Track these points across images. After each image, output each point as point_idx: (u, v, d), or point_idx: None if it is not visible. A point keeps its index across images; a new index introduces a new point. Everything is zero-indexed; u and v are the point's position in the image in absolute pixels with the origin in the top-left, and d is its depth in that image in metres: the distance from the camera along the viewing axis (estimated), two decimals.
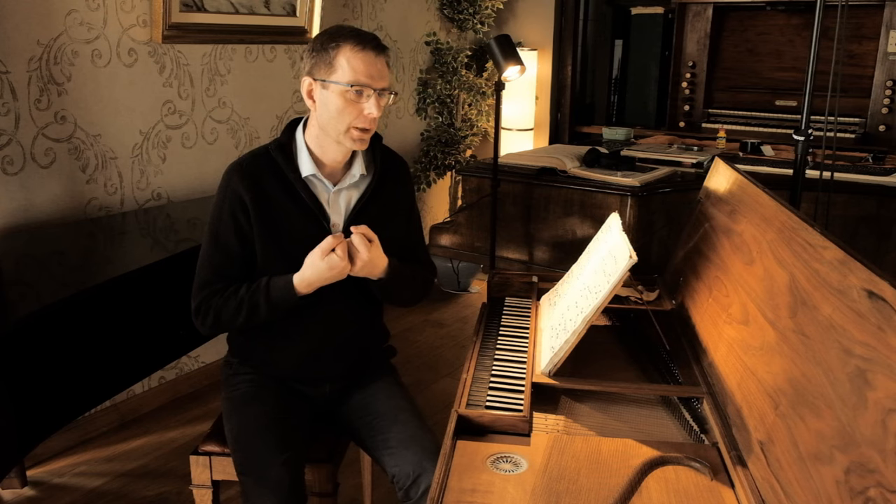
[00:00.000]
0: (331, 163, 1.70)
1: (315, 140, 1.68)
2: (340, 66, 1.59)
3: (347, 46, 1.59)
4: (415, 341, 3.70)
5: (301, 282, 1.61)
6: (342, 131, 1.62)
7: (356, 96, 1.59)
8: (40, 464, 2.59)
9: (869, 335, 0.95)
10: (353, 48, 1.59)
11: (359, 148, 1.67)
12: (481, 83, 4.33)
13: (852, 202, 2.66)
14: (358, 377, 1.83)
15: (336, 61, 1.59)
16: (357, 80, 1.58)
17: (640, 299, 1.90)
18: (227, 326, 1.71)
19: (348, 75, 1.58)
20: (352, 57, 1.58)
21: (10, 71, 2.38)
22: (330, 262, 1.57)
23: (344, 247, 1.58)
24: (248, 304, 1.65)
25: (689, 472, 1.22)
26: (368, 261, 1.61)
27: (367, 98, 1.60)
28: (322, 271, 1.58)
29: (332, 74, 1.59)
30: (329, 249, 1.57)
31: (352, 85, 1.58)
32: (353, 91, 1.58)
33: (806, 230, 1.24)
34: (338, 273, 1.59)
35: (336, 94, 1.59)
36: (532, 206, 2.84)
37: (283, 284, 1.62)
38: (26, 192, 2.47)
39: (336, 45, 1.60)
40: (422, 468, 1.58)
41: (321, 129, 1.66)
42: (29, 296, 2.23)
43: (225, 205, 1.67)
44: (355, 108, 1.60)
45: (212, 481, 1.79)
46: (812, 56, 2.16)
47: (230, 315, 1.66)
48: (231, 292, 1.66)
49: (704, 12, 4.23)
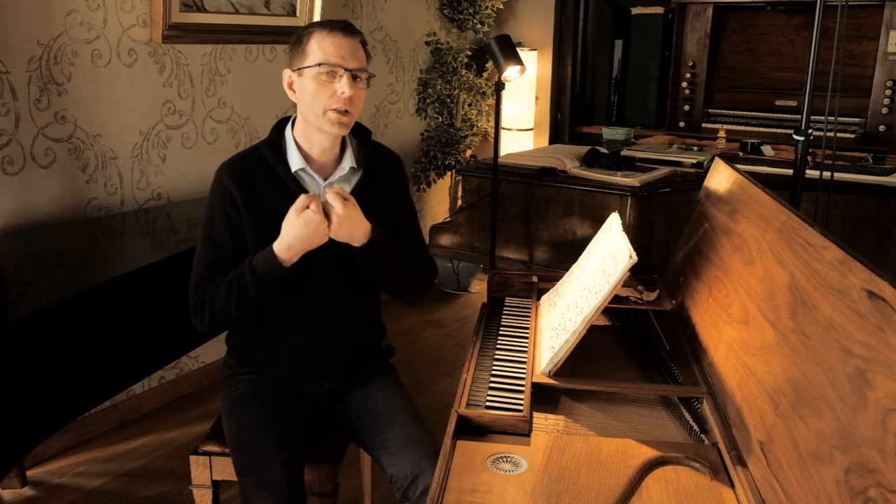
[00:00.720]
0: (319, 156, 1.71)
1: (302, 134, 1.70)
2: (312, 51, 1.62)
3: (317, 32, 1.63)
4: (415, 341, 3.70)
5: (281, 247, 1.59)
6: (319, 114, 1.63)
7: (328, 77, 1.61)
8: (40, 464, 2.59)
9: (869, 335, 0.95)
10: (321, 31, 1.63)
11: (338, 132, 1.67)
12: (481, 83, 4.33)
13: (852, 202, 2.66)
14: (356, 375, 1.83)
15: (307, 47, 1.63)
16: (326, 59, 1.60)
17: (640, 299, 1.90)
18: (222, 318, 1.69)
19: (318, 56, 1.61)
20: (321, 39, 1.62)
21: (10, 71, 2.38)
22: (305, 218, 1.56)
23: (318, 203, 1.57)
24: (237, 286, 1.64)
25: (689, 472, 1.22)
26: (346, 217, 1.59)
27: (339, 78, 1.61)
28: (298, 229, 1.57)
29: (305, 60, 1.63)
30: (303, 207, 1.56)
31: (320, 64, 1.60)
32: (325, 73, 1.60)
33: (806, 230, 1.24)
34: (314, 230, 1.57)
35: (309, 78, 1.62)
36: (532, 206, 2.84)
37: (265, 255, 1.61)
38: (26, 192, 2.47)
39: (307, 32, 1.65)
40: (420, 469, 1.58)
41: (304, 120, 1.68)
42: (29, 296, 2.23)
43: (216, 203, 1.69)
44: (328, 89, 1.61)
45: (212, 481, 1.79)
46: (812, 56, 2.16)
47: (223, 303, 1.65)
48: (220, 280, 1.67)
49: (704, 12, 4.23)
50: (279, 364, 1.78)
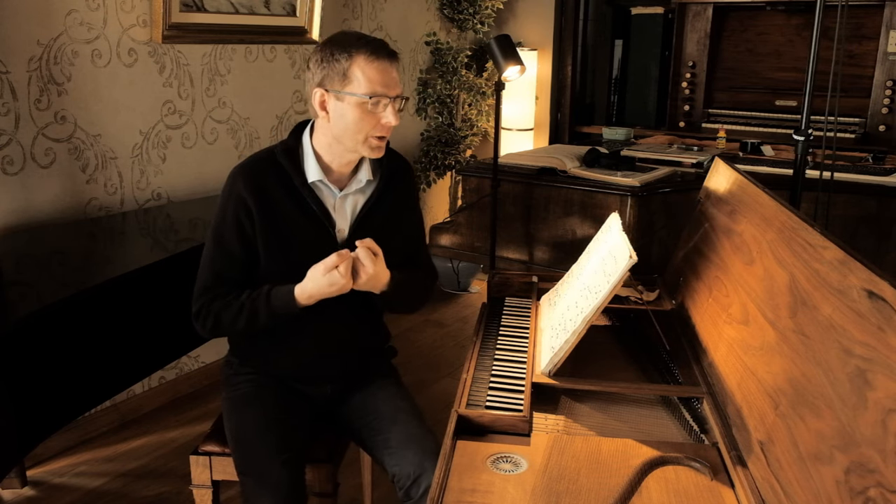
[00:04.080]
0: (339, 169, 1.69)
1: (326, 148, 1.67)
2: (356, 78, 1.57)
3: (361, 57, 1.57)
4: (415, 341, 3.70)
5: (302, 293, 1.60)
6: (360, 141, 1.61)
7: (373, 107, 1.58)
8: (40, 464, 2.59)
9: (869, 335, 0.95)
10: (368, 58, 1.57)
11: (377, 156, 1.66)
12: (481, 83, 4.33)
13: (852, 202, 2.66)
14: (359, 378, 1.83)
15: (350, 72, 1.57)
16: (374, 90, 1.57)
17: (640, 299, 1.90)
18: (226, 331, 1.70)
19: (364, 86, 1.57)
20: (366, 67, 1.57)
21: (10, 71, 2.38)
22: (331, 279, 1.56)
23: (348, 265, 1.57)
24: (249, 310, 1.64)
25: (689, 472, 1.22)
26: (373, 275, 1.60)
27: (384, 107, 1.59)
28: (322, 286, 1.58)
29: (348, 86, 1.58)
30: (333, 266, 1.56)
31: (370, 96, 1.57)
32: (371, 102, 1.58)
33: (806, 230, 1.24)
34: (338, 289, 1.58)
35: (352, 105, 1.58)
36: (532, 206, 2.84)
37: (285, 294, 1.62)
38: (26, 192, 2.47)
39: (349, 55, 1.57)
40: (422, 468, 1.58)
41: (335, 139, 1.64)
42: (29, 296, 2.23)
43: (229, 208, 1.66)
44: (373, 118, 1.59)
45: (212, 481, 1.79)
46: (812, 56, 2.16)
47: (230, 320, 1.66)
48: (233, 297, 1.66)
49: (704, 12, 4.23)
50: (282, 366, 1.77)
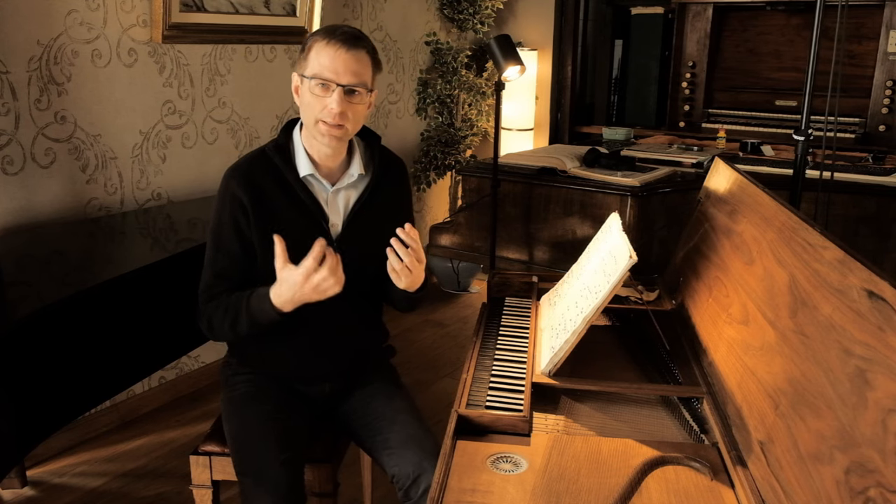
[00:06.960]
0: (324, 161, 1.70)
1: (306, 139, 1.69)
2: (310, 60, 1.60)
3: (319, 42, 1.60)
4: (415, 341, 3.70)
5: (278, 298, 1.56)
6: (312, 124, 1.63)
7: (322, 90, 1.59)
8: (40, 464, 2.59)
9: (869, 335, 0.95)
10: (321, 41, 1.60)
11: (329, 143, 1.64)
12: (481, 83, 4.33)
13: (852, 202, 2.66)
14: (358, 377, 1.83)
15: (309, 55, 1.61)
16: (319, 73, 1.58)
17: (640, 299, 1.90)
18: (220, 333, 1.70)
19: (314, 68, 1.59)
20: (319, 50, 1.59)
21: (10, 71, 2.38)
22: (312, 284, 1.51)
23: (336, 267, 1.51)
24: (232, 313, 1.65)
25: (689, 472, 1.22)
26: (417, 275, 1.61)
27: (331, 93, 1.59)
28: (306, 293, 1.53)
29: (306, 69, 1.61)
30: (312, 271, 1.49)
31: (312, 78, 1.59)
32: (318, 85, 1.59)
33: (806, 230, 1.24)
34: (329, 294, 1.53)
35: (306, 87, 1.61)
36: (532, 206, 2.84)
37: (263, 299, 1.58)
38: (26, 192, 2.47)
39: (311, 39, 1.62)
40: (422, 468, 1.58)
41: (305, 126, 1.68)
42: (29, 296, 2.24)
43: (225, 208, 1.67)
44: (320, 102, 1.60)
45: (212, 481, 1.79)
46: (812, 56, 2.16)
47: (219, 322, 1.67)
48: (223, 299, 1.67)
49: (704, 12, 4.23)
50: (281, 366, 1.77)
